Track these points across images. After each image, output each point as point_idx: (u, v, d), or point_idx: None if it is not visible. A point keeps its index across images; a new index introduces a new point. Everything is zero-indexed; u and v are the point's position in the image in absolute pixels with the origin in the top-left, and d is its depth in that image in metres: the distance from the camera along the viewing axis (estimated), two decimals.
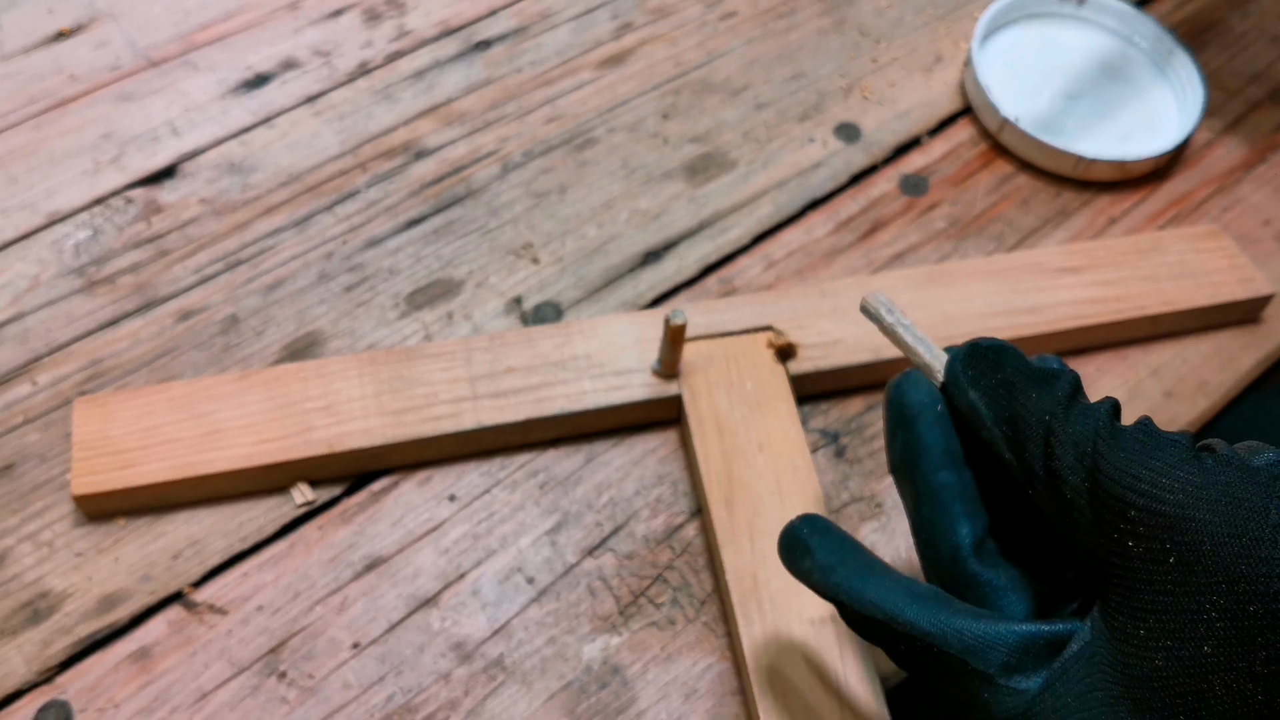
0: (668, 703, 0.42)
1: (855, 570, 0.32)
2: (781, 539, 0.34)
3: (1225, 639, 0.25)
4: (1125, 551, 0.27)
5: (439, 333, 0.51)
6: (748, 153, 0.59)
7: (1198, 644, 0.25)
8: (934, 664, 0.30)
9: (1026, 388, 0.30)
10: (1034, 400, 0.30)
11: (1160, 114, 0.61)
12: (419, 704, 0.41)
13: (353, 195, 0.56)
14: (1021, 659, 0.29)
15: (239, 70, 0.60)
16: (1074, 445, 0.28)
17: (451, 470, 0.47)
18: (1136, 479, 0.27)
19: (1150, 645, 0.26)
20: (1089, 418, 0.28)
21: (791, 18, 0.65)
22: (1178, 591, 0.26)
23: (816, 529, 0.33)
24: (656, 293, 0.53)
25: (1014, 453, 0.30)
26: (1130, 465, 0.27)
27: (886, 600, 0.31)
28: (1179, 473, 0.26)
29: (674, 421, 0.49)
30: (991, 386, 0.31)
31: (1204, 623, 0.25)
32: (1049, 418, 0.29)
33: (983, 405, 0.31)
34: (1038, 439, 0.29)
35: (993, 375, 0.31)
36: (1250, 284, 0.52)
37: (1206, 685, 0.25)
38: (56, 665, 0.42)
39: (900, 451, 0.33)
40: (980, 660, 0.29)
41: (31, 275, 0.52)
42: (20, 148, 0.57)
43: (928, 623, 0.30)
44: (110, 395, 0.46)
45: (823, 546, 0.33)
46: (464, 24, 0.64)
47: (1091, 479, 0.27)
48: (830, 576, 0.32)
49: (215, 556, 0.44)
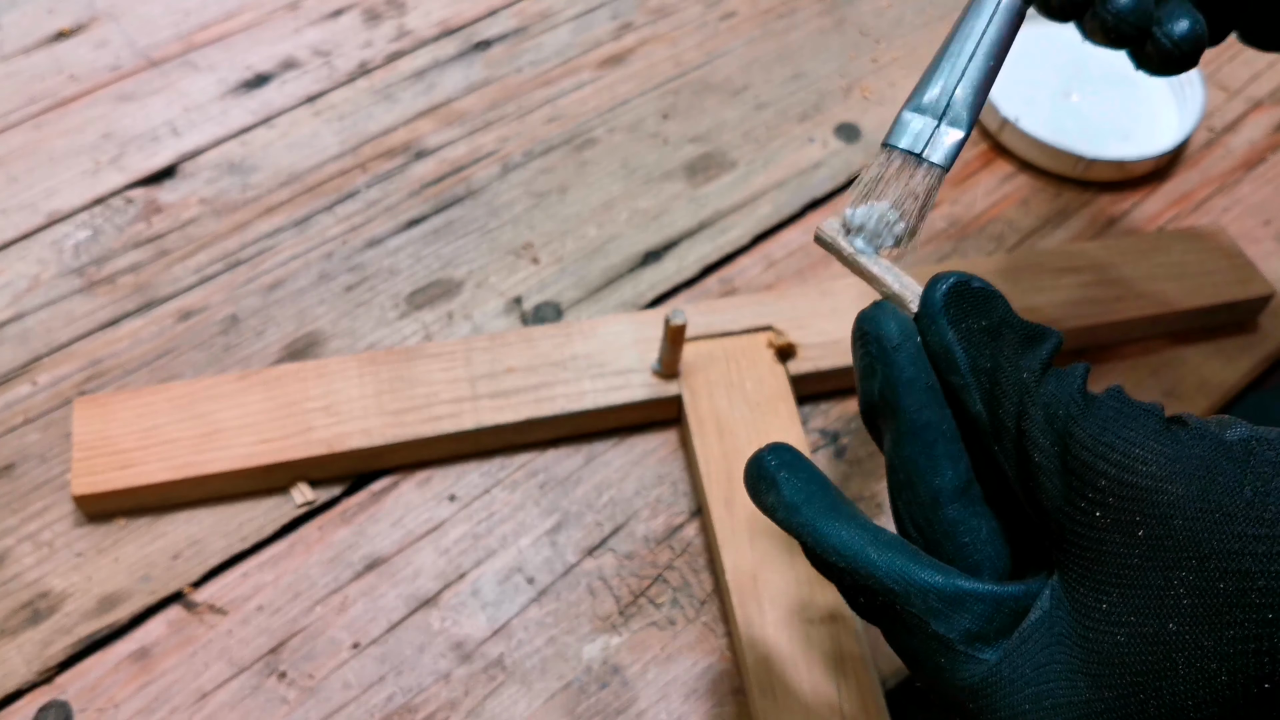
0: (668, 703, 0.42)
1: (821, 510, 0.30)
2: (748, 468, 0.32)
3: (1192, 617, 0.24)
4: (1092, 521, 0.26)
5: (439, 333, 0.51)
6: (748, 153, 0.59)
7: (1162, 621, 0.25)
8: (894, 620, 0.29)
9: (1014, 342, 0.29)
10: (1018, 357, 0.28)
11: (1160, 114, 0.61)
12: (419, 704, 0.41)
13: (353, 195, 0.56)
14: (984, 626, 0.28)
15: (239, 70, 0.60)
16: (1046, 408, 0.27)
17: (451, 470, 0.47)
18: (1109, 448, 0.26)
19: (1112, 620, 0.26)
20: (1064, 381, 0.28)
21: (791, 18, 0.65)
22: (1144, 566, 0.25)
23: (784, 462, 0.32)
24: (656, 293, 0.53)
25: (986, 405, 0.29)
26: (1103, 434, 0.26)
27: (850, 547, 0.29)
28: (1152, 444, 0.25)
29: (674, 421, 0.49)
30: (974, 331, 0.29)
31: (1170, 599, 0.25)
32: (1026, 375, 0.28)
33: (959, 349, 0.29)
34: (1013, 396, 0.28)
35: (977, 319, 0.29)
36: (1250, 284, 0.52)
37: (1169, 663, 0.25)
38: (56, 665, 0.42)
39: (881, 386, 0.31)
40: (942, 624, 0.28)
41: (31, 275, 0.52)
42: (20, 148, 0.57)
43: (891, 577, 0.29)
44: (110, 395, 0.46)
45: (789, 482, 0.31)
46: (464, 24, 0.64)
47: (1062, 444, 0.27)
48: (794, 515, 0.31)
49: (215, 556, 0.44)
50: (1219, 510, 0.24)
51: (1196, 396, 0.51)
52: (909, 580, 0.29)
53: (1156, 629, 0.25)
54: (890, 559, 0.29)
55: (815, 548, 0.30)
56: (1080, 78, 0.63)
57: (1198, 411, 0.51)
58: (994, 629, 0.28)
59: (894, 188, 0.32)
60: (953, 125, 0.32)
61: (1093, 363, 0.52)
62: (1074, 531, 0.27)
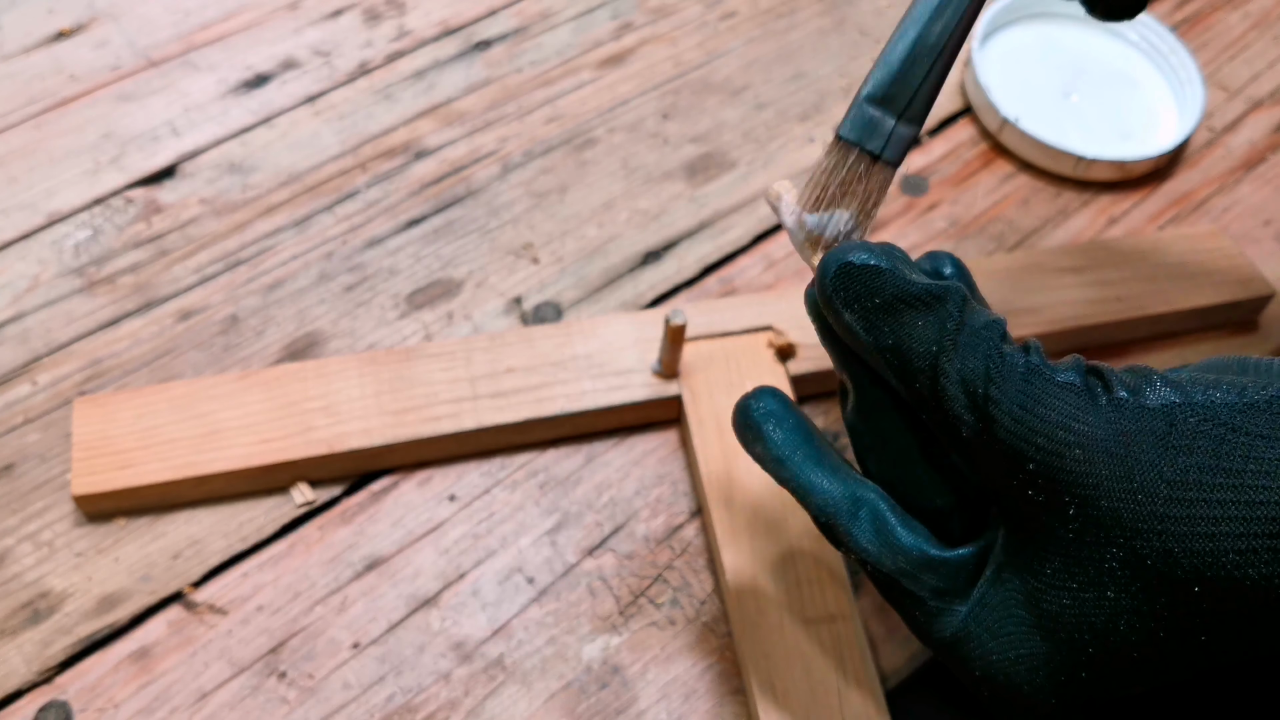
0: (668, 703, 0.42)
1: (806, 461, 0.31)
2: (735, 413, 0.33)
3: (1127, 586, 0.25)
4: (1025, 498, 0.27)
5: (439, 333, 0.51)
6: (748, 153, 0.59)
7: (1101, 589, 0.26)
8: (872, 574, 0.31)
9: (908, 315, 0.28)
10: (919, 329, 0.28)
11: (1160, 114, 0.61)
12: (419, 704, 0.41)
13: (353, 195, 0.56)
14: (951, 584, 0.29)
15: (239, 70, 0.60)
16: (964, 384, 0.27)
17: (451, 470, 0.47)
18: (1033, 431, 0.26)
19: (1057, 584, 0.27)
20: (977, 349, 0.27)
21: (791, 18, 0.65)
22: (1078, 541, 0.26)
23: (771, 412, 0.32)
24: (656, 293, 0.53)
25: (901, 383, 0.29)
26: (1024, 415, 0.26)
27: (832, 505, 0.31)
28: (1074, 423, 0.26)
29: (674, 421, 0.49)
30: (869, 310, 0.28)
31: (1106, 570, 0.26)
32: (935, 348, 0.27)
33: (860, 330, 0.29)
34: (925, 373, 0.28)
35: (869, 299, 0.28)
36: (1250, 284, 0.52)
37: (1112, 624, 0.26)
38: (56, 665, 0.42)
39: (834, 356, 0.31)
40: (912, 583, 0.30)
41: (31, 275, 0.52)
42: (20, 148, 0.57)
43: (867, 540, 0.30)
44: (110, 395, 0.46)
45: (774, 434, 0.32)
46: (464, 24, 0.64)
47: (986, 425, 0.27)
48: (781, 468, 0.32)
49: (215, 556, 0.44)
50: (1141, 491, 0.25)
51: None
52: (883, 540, 0.30)
53: (1096, 596, 0.26)
54: (867, 518, 0.30)
55: (801, 500, 0.31)
56: (1080, 78, 0.63)
57: None
58: (959, 586, 0.29)
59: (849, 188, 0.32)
60: (910, 123, 0.31)
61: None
62: (1012, 503, 0.27)
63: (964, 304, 0.28)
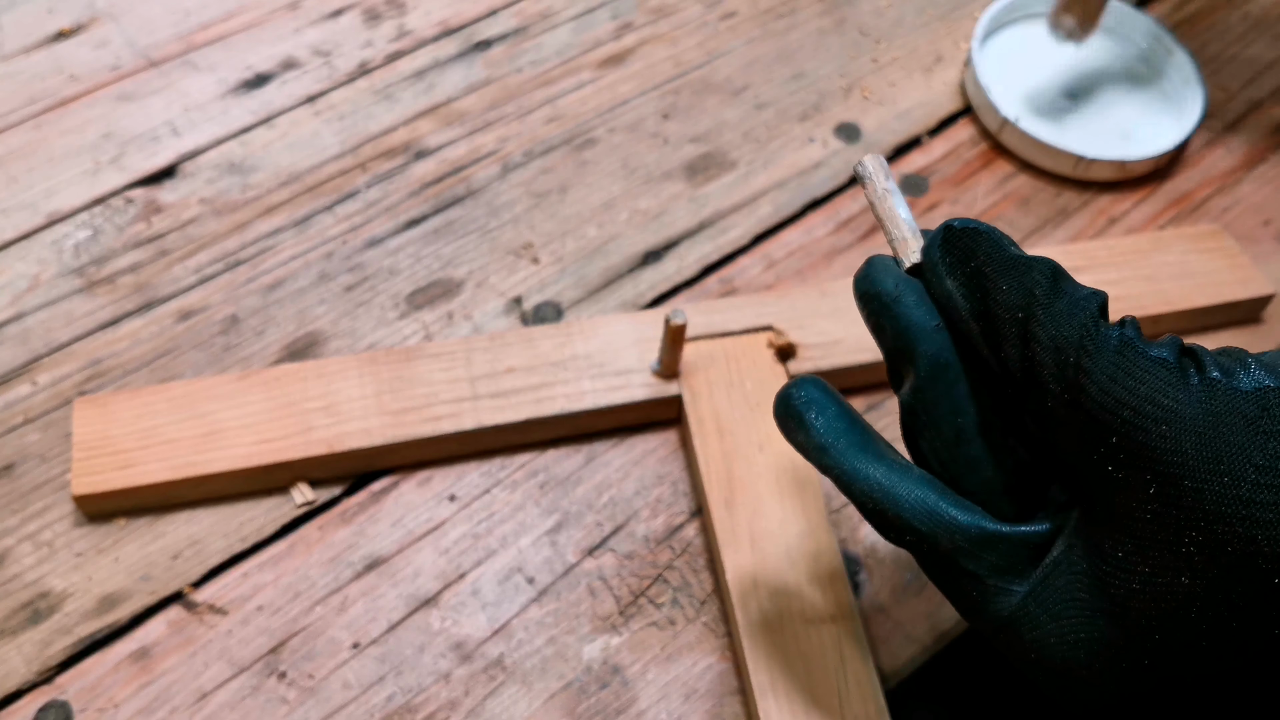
0: (668, 703, 0.42)
1: (849, 449, 0.31)
2: (777, 404, 0.32)
3: (1203, 573, 0.25)
4: (1104, 475, 0.26)
5: (439, 333, 0.51)
6: (748, 153, 0.59)
7: (1175, 574, 0.25)
8: (926, 555, 0.30)
9: (998, 278, 0.28)
10: (1005, 293, 0.28)
11: (1160, 114, 0.61)
12: (419, 704, 0.41)
13: (353, 195, 0.56)
14: (1011, 562, 0.29)
15: (239, 70, 0.60)
16: (1056, 350, 0.27)
17: (451, 470, 0.47)
18: (1120, 403, 0.25)
19: (1127, 568, 0.26)
20: (1074, 317, 0.27)
21: (791, 18, 0.65)
22: (1156, 523, 0.25)
23: (812, 400, 0.32)
24: (656, 293, 0.53)
25: (990, 350, 0.28)
26: (1113, 386, 0.26)
27: (880, 487, 0.30)
28: (1163, 399, 0.25)
29: (674, 421, 0.49)
30: (967, 275, 0.29)
31: (1182, 555, 0.25)
32: (1023, 315, 0.27)
33: (959, 296, 0.29)
34: (1013, 338, 0.28)
35: (970, 261, 0.29)
36: (1250, 284, 0.52)
37: (1183, 611, 0.25)
38: (56, 665, 0.42)
39: (892, 339, 0.31)
40: (970, 561, 0.29)
41: (31, 275, 0.52)
42: (20, 148, 0.57)
43: (919, 518, 0.29)
44: (110, 395, 0.46)
45: (817, 421, 0.31)
46: (464, 24, 0.64)
47: (1074, 394, 0.26)
48: (824, 456, 0.31)
49: (215, 556, 0.44)
50: (1228, 474, 0.24)
51: None
52: (937, 519, 0.29)
53: (1169, 581, 0.25)
54: (919, 498, 0.30)
55: (845, 488, 0.31)
56: (1080, 78, 0.63)
57: None
58: (1020, 564, 0.29)
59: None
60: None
61: None
62: (1090, 480, 0.27)
63: (1054, 270, 0.28)
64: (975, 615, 0.30)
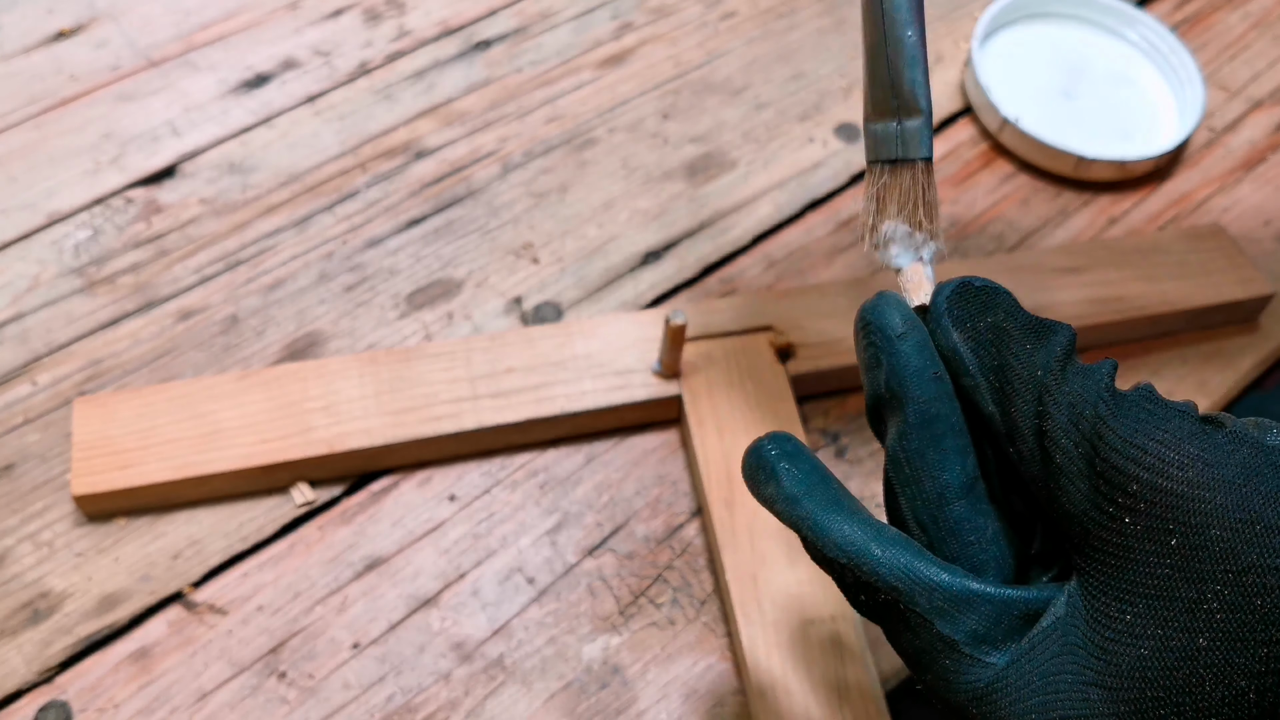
0: (668, 703, 0.42)
1: (822, 503, 0.29)
2: (746, 457, 0.31)
3: (1224, 632, 0.23)
4: (1120, 528, 0.25)
5: (439, 333, 0.51)
6: (748, 153, 0.59)
7: (1192, 635, 0.24)
8: (897, 619, 0.28)
9: (1021, 338, 0.28)
10: (1028, 353, 0.27)
11: (1160, 114, 0.61)
12: (419, 704, 0.41)
13: (353, 195, 0.56)
14: (992, 629, 0.27)
15: (239, 70, 0.60)
16: (1071, 408, 0.26)
17: (451, 470, 0.47)
18: (1142, 450, 0.24)
19: (1136, 632, 0.24)
20: (1090, 379, 0.26)
21: (791, 18, 0.65)
22: (1176, 577, 0.24)
23: (785, 452, 0.30)
24: (656, 293, 0.53)
25: (999, 406, 0.28)
26: (1135, 435, 0.25)
27: (852, 542, 0.28)
28: (1189, 447, 0.24)
29: (674, 421, 0.49)
30: (980, 331, 0.28)
31: (1202, 613, 0.23)
32: (1042, 373, 0.27)
33: (967, 350, 0.28)
34: (1028, 396, 0.27)
35: (982, 318, 0.28)
36: (1250, 284, 0.52)
37: (1196, 679, 0.23)
38: (56, 665, 0.42)
39: (887, 378, 0.30)
40: (948, 625, 0.27)
41: (31, 275, 0.52)
42: (20, 148, 0.57)
43: (896, 574, 0.28)
44: (110, 395, 0.46)
45: (789, 473, 0.30)
46: (464, 24, 0.64)
47: (1090, 446, 0.25)
48: (794, 508, 0.29)
49: (215, 556, 0.44)
50: (1260, 521, 0.23)
51: (1197, 396, 0.51)
52: (914, 578, 0.28)
53: (1185, 643, 0.24)
54: (894, 555, 0.28)
55: (815, 542, 0.29)
56: (1080, 78, 0.63)
57: None
58: (1001, 632, 0.27)
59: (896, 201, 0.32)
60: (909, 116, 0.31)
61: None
62: (1099, 537, 0.26)
63: (1072, 340, 0.27)
64: (946, 687, 0.28)
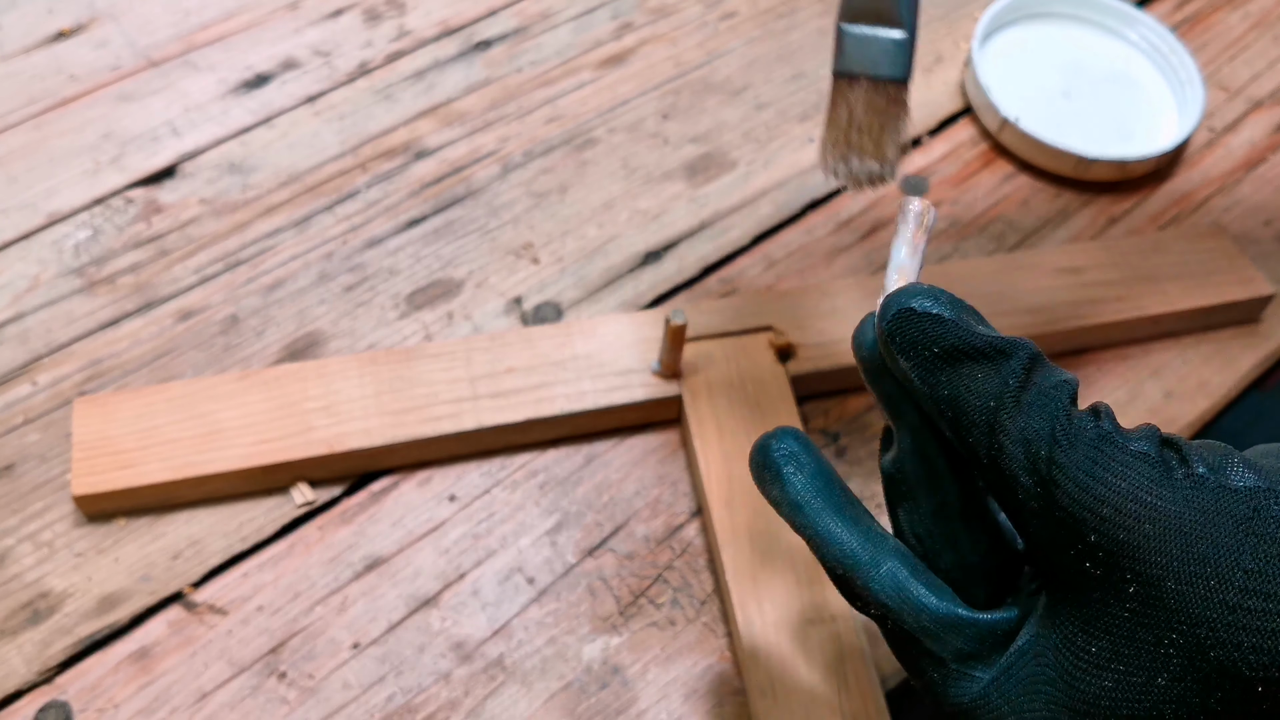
0: (668, 703, 0.42)
1: (825, 511, 0.30)
2: (754, 454, 0.31)
3: (1181, 675, 0.24)
4: (1081, 570, 0.25)
5: (439, 333, 0.51)
6: (748, 153, 0.59)
7: (1152, 674, 0.24)
8: (890, 630, 0.29)
9: (971, 366, 0.26)
10: (979, 382, 0.26)
11: (1160, 114, 0.61)
12: (419, 704, 0.41)
13: (353, 195, 0.56)
14: (977, 648, 0.28)
15: (239, 70, 0.60)
16: (1025, 444, 0.25)
17: (451, 470, 0.47)
18: (1099, 501, 0.24)
19: (1100, 665, 0.25)
20: (1043, 410, 0.25)
21: (791, 18, 0.65)
22: (1135, 621, 0.24)
23: (791, 454, 0.30)
24: (656, 293, 0.53)
25: (955, 436, 0.27)
26: (1091, 484, 0.24)
27: (851, 556, 0.29)
28: (1146, 496, 0.24)
29: (674, 421, 0.49)
30: (928, 360, 0.27)
31: (1160, 656, 0.24)
32: (995, 404, 0.26)
33: (917, 380, 0.27)
34: (981, 427, 0.26)
35: (929, 347, 0.27)
36: (1250, 284, 0.52)
37: (1157, 713, 0.24)
38: (56, 665, 0.42)
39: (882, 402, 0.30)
40: (934, 643, 0.28)
41: (31, 275, 0.52)
42: (20, 148, 0.57)
43: (887, 593, 0.28)
44: (110, 395, 0.46)
45: (794, 478, 0.30)
46: (464, 24, 0.64)
47: (1046, 489, 0.25)
48: (797, 514, 0.30)
49: (215, 556, 0.44)
50: (1214, 576, 0.23)
51: (1197, 396, 0.51)
52: (905, 597, 0.28)
53: (1145, 681, 0.24)
54: (890, 573, 0.29)
55: (816, 549, 0.30)
56: (1080, 78, 0.63)
57: (1197, 412, 0.51)
58: (987, 649, 0.28)
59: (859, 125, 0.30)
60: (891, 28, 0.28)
61: (1093, 363, 0.52)
62: (1064, 573, 0.26)
63: (1032, 361, 0.26)
64: (936, 697, 0.29)
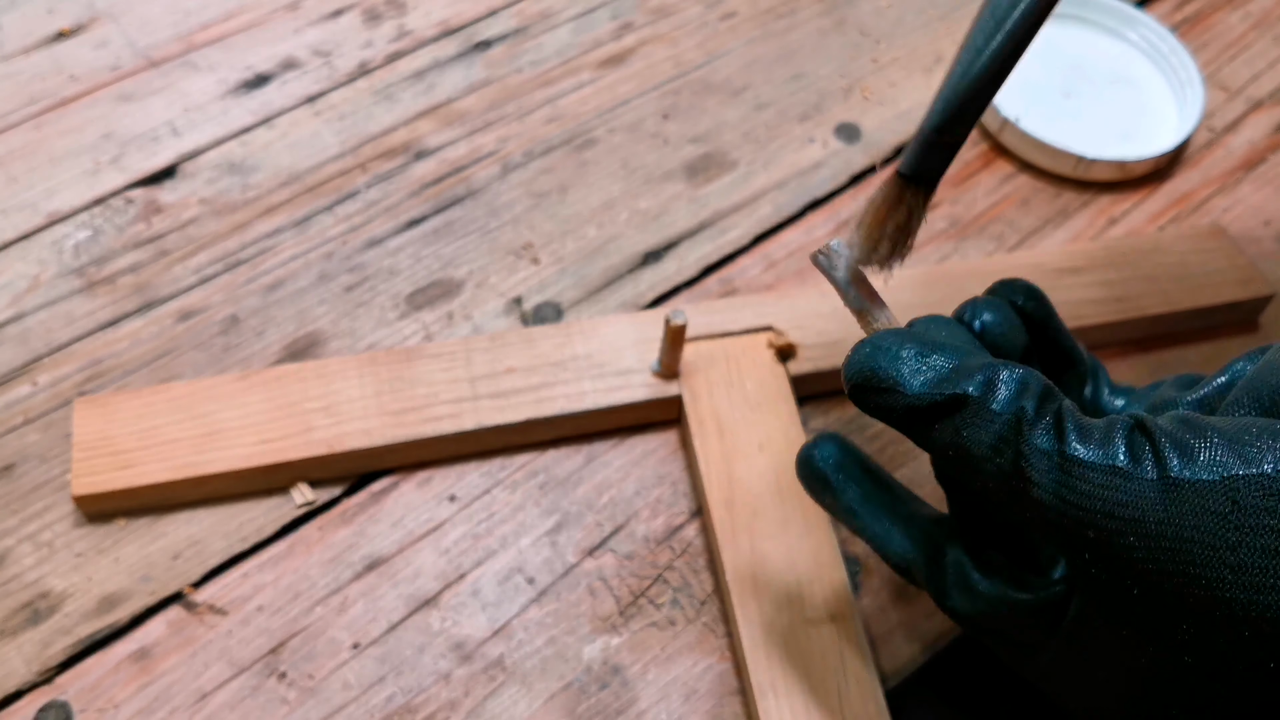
0: (668, 703, 0.42)
1: (878, 512, 0.32)
2: (800, 466, 0.33)
3: (1203, 653, 0.25)
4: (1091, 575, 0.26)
5: (439, 333, 0.51)
6: (748, 153, 0.59)
7: (1177, 654, 0.25)
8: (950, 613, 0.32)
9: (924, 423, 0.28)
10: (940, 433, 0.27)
11: (1160, 114, 0.61)
12: (419, 704, 0.41)
13: (353, 195, 0.56)
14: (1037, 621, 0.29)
15: (239, 70, 0.60)
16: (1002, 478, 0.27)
17: (451, 470, 0.47)
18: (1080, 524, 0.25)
19: (1132, 645, 0.27)
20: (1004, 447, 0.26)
21: (791, 18, 0.65)
22: (1149, 614, 0.25)
23: (836, 463, 0.32)
24: (656, 293, 0.53)
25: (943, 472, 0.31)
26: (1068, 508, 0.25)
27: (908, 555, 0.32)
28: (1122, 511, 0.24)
29: (674, 422, 0.49)
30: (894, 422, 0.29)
31: (1178, 639, 0.25)
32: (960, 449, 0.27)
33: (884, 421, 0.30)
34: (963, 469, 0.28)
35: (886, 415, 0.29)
36: (1250, 284, 0.52)
37: (1194, 678, 0.26)
38: (56, 665, 0.42)
39: None
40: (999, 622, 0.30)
41: (31, 275, 0.52)
42: (20, 148, 0.57)
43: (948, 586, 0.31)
44: (110, 395, 0.46)
45: (844, 485, 0.32)
46: (464, 24, 0.64)
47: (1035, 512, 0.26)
48: (853, 520, 0.33)
49: (215, 557, 0.44)
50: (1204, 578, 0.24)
51: None
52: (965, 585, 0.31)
53: (1174, 658, 0.26)
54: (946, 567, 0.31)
55: (877, 551, 0.33)
56: (1080, 78, 0.63)
57: None
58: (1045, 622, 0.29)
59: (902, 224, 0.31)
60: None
61: None
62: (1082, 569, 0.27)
63: (984, 389, 0.26)
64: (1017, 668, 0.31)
